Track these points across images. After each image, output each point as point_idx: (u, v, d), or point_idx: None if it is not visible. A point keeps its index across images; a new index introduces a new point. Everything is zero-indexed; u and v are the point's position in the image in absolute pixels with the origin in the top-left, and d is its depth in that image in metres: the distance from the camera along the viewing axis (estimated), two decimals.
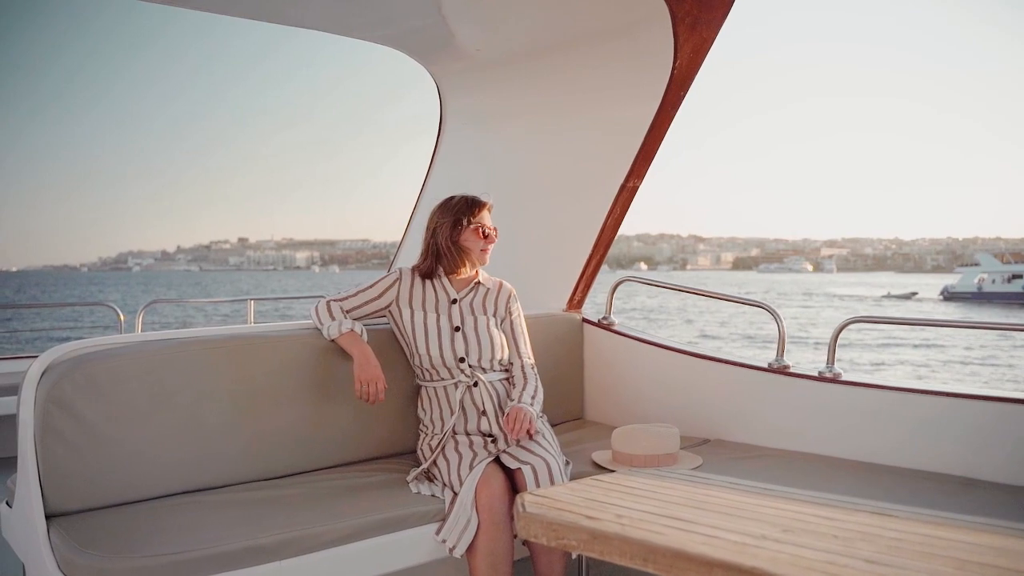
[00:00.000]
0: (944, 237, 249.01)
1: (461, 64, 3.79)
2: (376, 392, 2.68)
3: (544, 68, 3.64)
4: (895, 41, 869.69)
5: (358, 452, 2.89)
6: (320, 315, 2.82)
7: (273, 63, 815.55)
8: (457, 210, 2.85)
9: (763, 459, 2.93)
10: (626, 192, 3.48)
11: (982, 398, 2.67)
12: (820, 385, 3.00)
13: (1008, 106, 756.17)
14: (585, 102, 3.59)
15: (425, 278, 2.88)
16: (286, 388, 2.71)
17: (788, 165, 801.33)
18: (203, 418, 2.53)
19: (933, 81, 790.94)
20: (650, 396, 3.49)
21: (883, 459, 2.83)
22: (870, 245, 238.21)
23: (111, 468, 2.34)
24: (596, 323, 3.69)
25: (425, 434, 2.85)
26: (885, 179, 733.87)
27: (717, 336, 34.80)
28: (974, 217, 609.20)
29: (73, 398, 2.27)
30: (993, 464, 2.62)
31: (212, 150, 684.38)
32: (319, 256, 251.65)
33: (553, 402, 3.29)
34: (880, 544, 1.53)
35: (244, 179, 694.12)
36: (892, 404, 2.84)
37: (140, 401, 2.40)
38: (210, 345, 2.58)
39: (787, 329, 3.14)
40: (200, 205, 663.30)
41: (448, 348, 2.78)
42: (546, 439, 2.75)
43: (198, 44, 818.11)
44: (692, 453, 2.98)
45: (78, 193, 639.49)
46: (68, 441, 2.26)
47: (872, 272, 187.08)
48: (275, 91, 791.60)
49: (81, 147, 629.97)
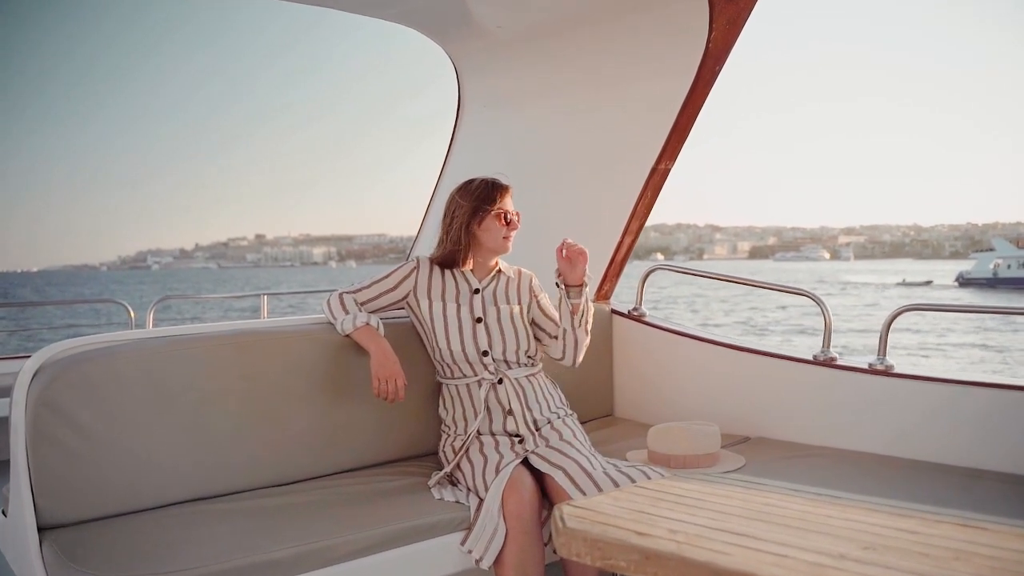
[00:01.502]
0: (963, 223, 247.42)
1: (480, 42, 3.58)
2: (396, 390, 2.49)
3: (568, 44, 3.43)
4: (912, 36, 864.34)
5: (377, 455, 2.70)
6: (333, 309, 2.63)
7: (288, 60, 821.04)
8: (478, 195, 2.66)
9: (810, 458, 2.73)
10: (658, 174, 3.27)
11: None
12: (871, 378, 2.79)
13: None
14: (613, 79, 3.37)
15: (444, 267, 2.70)
16: (298, 387, 2.52)
17: (808, 156, 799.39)
18: (209, 420, 2.35)
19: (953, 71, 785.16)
20: (684, 391, 3.29)
21: (943, 457, 2.62)
22: (888, 232, 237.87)
23: (109, 476, 2.16)
24: (626, 314, 3.48)
25: (447, 435, 2.67)
26: (904, 167, 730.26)
27: (751, 325, 33.67)
28: (993, 202, 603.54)
29: (67, 400, 2.09)
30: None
31: (228, 148, 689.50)
32: (336, 251, 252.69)
33: (581, 398, 3.09)
34: (978, 564, 1.32)
35: (260, 176, 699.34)
36: (951, 398, 2.62)
37: (140, 403, 2.22)
38: (216, 342, 2.40)
39: (829, 319, 2.92)
40: (217, 203, 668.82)
41: (470, 341, 2.59)
42: (578, 439, 2.56)
43: (212, 42, 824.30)
44: (734, 453, 2.77)
45: (96, 192, 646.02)
46: (62, 447, 2.08)
47: (890, 259, 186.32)
48: (291, 88, 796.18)
49: (98, 147, 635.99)
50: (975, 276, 53.21)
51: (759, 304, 42.73)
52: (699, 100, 3.14)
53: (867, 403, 2.80)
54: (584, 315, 2.69)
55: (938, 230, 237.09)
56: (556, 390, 2.77)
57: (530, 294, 2.77)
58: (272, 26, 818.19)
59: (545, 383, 2.72)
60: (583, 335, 2.72)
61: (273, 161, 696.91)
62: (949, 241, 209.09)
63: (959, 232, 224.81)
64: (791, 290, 3.04)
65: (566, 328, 2.70)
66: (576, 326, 2.69)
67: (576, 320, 2.68)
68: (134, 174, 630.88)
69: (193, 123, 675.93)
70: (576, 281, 2.65)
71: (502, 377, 2.59)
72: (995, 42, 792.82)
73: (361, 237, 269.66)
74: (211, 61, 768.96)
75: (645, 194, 3.32)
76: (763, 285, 3.19)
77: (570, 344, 2.73)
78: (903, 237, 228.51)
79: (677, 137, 3.19)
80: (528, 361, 2.67)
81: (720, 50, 3.02)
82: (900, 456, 2.70)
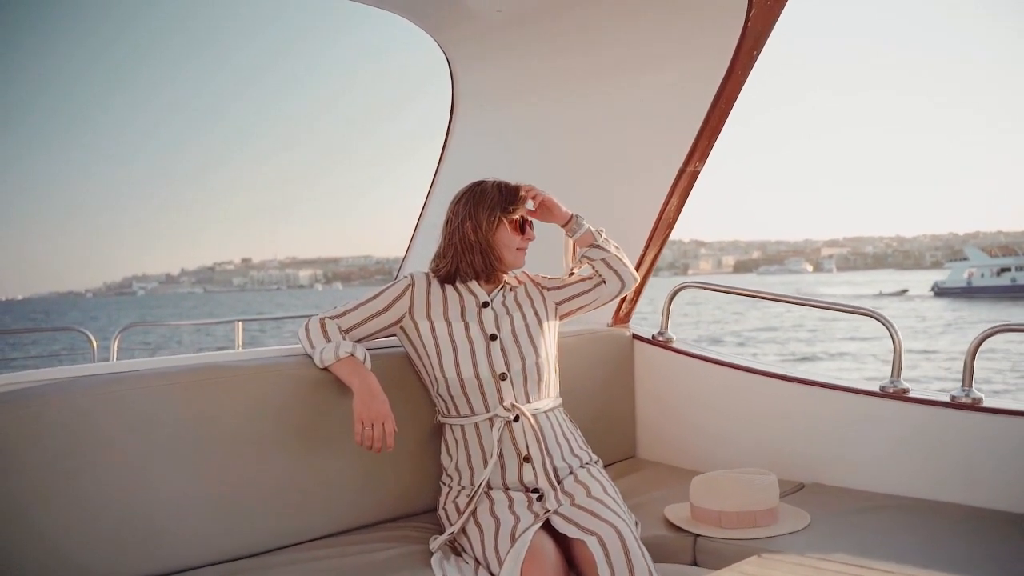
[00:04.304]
0: (945, 233, 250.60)
1: (476, 28, 3.10)
2: (383, 436, 2.01)
3: (579, 28, 2.95)
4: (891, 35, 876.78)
5: (361, 516, 2.21)
6: (311, 336, 2.16)
7: (270, 81, 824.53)
8: (491, 200, 2.22)
9: (886, 511, 2.26)
10: (686, 177, 2.82)
11: None
12: (954, 414, 2.34)
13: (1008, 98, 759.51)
14: (633, 68, 2.91)
15: (444, 282, 2.24)
16: (264, 434, 2.04)
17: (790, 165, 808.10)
18: (149, 479, 1.86)
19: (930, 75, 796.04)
20: (720, 429, 2.83)
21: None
22: (871, 243, 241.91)
23: (19, 551, 1.67)
24: (650, 340, 3.02)
25: (449, 487, 2.19)
26: (886, 176, 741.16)
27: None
28: (975, 212, 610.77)
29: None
30: None
31: (211, 170, 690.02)
32: (322, 274, 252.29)
33: (599, 437, 2.61)
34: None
35: (245, 199, 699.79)
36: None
37: (62, 456, 1.74)
38: (158, 380, 1.91)
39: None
40: (203, 227, 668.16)
41: (484, 363, 2.14)
42: (610, 495, 2.09)
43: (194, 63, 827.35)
44: (792, 506, 2.31)
45: (81, 218, 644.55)
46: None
47: (873, 271, 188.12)
48: (273, 109, 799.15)
49: (81, 171, 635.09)
50: (949, 286, 53.38)
51: (777, 322, 38.74)
52: (734, 90, 2.68)
53: (948, 443, 2.35)
54: (600, 235, 2.42)
55: (920, 240, 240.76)
56: (575, 429, 2.32)
57: (538, 289, 2.39)
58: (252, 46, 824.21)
59: (564, 420, 2.28)
60: (613, 250, 2.42)
61: (256, 183, 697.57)
62: (930, 251, 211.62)
63: (940, 242, 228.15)
64: (853, 310, 2.58)
65: (596, 260, 2.40)
66: (605, 247, 2.41)
67: (600, 242, 2.40)
68: (118, 198, 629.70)
69: (176, 145, 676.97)
70: (565, 219, 2.39)
71: (518, 414, 2.12)
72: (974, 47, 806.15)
73: (347, 259, 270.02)
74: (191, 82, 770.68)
75: (671, 200, 2.86)
76: (820, 304, 2.73)
77: (615, 267, 2.41)
78: (886, 248, 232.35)
79: (709, 132, 2.73)
80: (547, 391, 2.22)
81: (760, 31, 2.57)
82: (991, 507, 2.24)
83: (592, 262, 2.41)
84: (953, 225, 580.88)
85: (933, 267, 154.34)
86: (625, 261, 2.43)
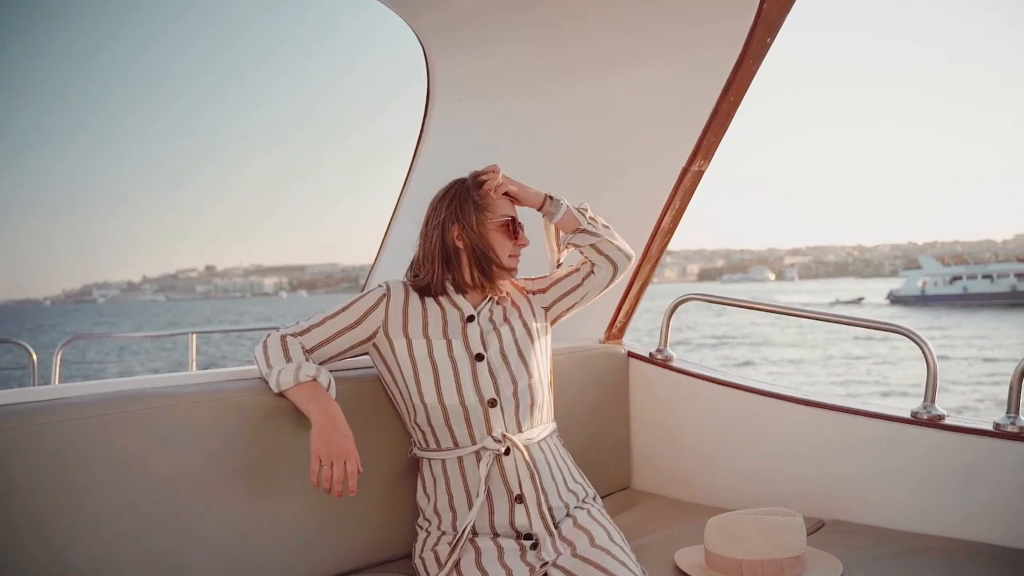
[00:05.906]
0: (904, 242, 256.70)
1: (455, 12, 2.79)
2: (343, 477, 1.69)
3: (571, 13, 2.66)
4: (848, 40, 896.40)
5: (321, 566, 1.88)
6: (269, 354, 1.84)
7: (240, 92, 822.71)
8: (476, 197, 1.93)
9: (924, 556, 1.99)
10: (690, 177, 2.54)
11: None
12: (997, 444, 2.07)
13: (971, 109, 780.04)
14: (632, 56, 2.61)
15: (424, 294, 1.93)
16: (208, 474, 1.71)
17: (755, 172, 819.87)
18: (71, 527, 1.52)
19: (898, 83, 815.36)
20: (727, 459, 2.54)
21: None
22: (832, 252, 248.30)
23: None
24: (647, 358, 2.73)
25: (427, 532, 1.88)
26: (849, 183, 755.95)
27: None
28: (933, 221, 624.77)
29: None
30: None
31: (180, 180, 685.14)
32: (287, 281, 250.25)
33: (590, 466, 2.30)
34: None
35: (212, 207, 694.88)
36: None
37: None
38: (75, 413, 1.57)
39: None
40: (167, 234, 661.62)
41: (470, 388, 1.84)
42: (617, 544, 1.79)
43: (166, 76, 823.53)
44: (818, 550, 2.02)
45: (40, 225, 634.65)
46: None
47: (833, 279, 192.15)
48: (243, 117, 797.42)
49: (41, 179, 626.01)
50: (904, 294, 54.67)
51: (771, 337, 35.62)
52: (744, 82, 2.39)
53: (990, 477, 2.08)
54: (585, 215, 2.10)
55: (880, 249, 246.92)
56: (568, 457, 2.01)
57: (524, 295, 2.07)
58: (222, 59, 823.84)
59: (557, 448, 1.99)
60: (603, 231, 2.10)
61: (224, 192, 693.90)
62: (889, 260, 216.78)
63: (899, 251, 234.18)
64: (884, 327, 2.31)
65: (585, 247, 2.08)
66: (592, 230, 2.08)
67: (585, 225, 2.07)
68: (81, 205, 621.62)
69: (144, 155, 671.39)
70: (539, 202, 2.07)
71: (508, 447, 1.82)
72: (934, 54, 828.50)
73: (313, 267, 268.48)
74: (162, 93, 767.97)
75: (672, 203, 2.58)
76: (848, 321, 2.44)
77: (606, 252, 2.09)
78: (847, 257, 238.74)
79: (715, 128, 2.45)
80: (540, 416, 1.92)
81: (775, 16, 2.30)
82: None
83: (580, 248, 2.09)
84: (912, 234, 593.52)
85: (891, 275, 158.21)
86: (617, 242, 2.10)
